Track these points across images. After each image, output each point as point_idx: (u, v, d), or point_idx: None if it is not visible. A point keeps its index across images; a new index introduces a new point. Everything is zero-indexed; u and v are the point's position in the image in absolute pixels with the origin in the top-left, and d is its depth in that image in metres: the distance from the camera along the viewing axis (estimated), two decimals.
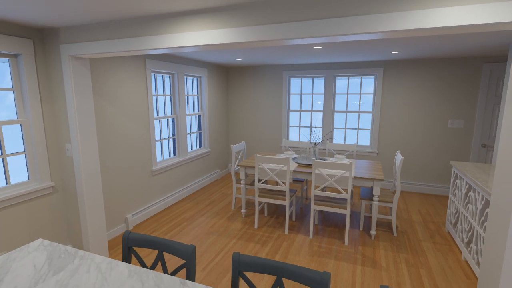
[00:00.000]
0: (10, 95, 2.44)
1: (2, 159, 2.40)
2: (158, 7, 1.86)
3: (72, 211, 2.77)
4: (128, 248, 1.55)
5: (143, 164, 3.69)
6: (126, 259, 1.54)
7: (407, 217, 3.83)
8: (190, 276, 1.37)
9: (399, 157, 3.30)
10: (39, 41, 2.52)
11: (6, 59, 2.37)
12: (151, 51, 2.18)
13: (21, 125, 2.49)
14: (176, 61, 4.18)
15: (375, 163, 3.68)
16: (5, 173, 2.42)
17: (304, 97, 5.34)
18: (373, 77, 4.82)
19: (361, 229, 3.48)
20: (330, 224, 3.62)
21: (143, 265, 1.52)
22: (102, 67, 3.03)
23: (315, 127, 5.34)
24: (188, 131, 4.73)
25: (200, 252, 2.97)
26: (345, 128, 5.11)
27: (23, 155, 2.54)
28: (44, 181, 2.63)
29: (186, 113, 4.56)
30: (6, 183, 2.43)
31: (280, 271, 1.25)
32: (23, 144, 2.52)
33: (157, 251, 3.02)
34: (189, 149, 4.76)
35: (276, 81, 5.41)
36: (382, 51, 3.70)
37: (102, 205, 2.82)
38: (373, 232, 3.22)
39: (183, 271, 2.67)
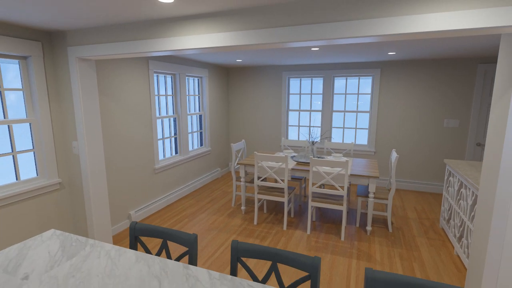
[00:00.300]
0: (12, 95, 2.55)
1: (13, 156, 2.51)
2: (161, 11, 1.97)
3: (78, 207, 2.88)
4: (135, 237, 1.66)
5: (145, 162, 3.80)
6: (133, 248, 1.65)
7: (403, 214, 3.93)
8: (193, 262, 1.48)
9: (394, 156, 3.40)
10: (48, 44, 2.63)
11: (16, 60, 2.49)
12: (154, 53, 2.29)
13: (30, 124, 2.60)
14: (178, 62, 4.29)
15: (372, 162, 3.78)
16: (15, 170, 2.54)
17: (303, 97, 5.44)
18: (371, 77, 4.92)
19: (357, 225, 3.58)
20: (328, 221, 3.72)
21: (149, 253, 1.63)
22: (107, 68, 3.14)
23: (314, 127, 5.45)
24: (190, 130, 4.84)
25: (201, 247, 3.07)
26: (343, 128, 5.21)
27: (32, 153, 2.65)
28: (52, 177, 2.74)
29: (188, 112, 4.67)
30: (16, 179, 2.55)
31: (275, 257, 1.35)
32: (32, 142, 2.63)
33: (161, 243, 3.13)
34: (190, 148, 4.87)
35: (275, 81, 5.52)
36: (378, 52, 3.80)
37: (107, 201, 2.93)
38: (368, 228, 3.33)
39: (186, 258, 2.79)
